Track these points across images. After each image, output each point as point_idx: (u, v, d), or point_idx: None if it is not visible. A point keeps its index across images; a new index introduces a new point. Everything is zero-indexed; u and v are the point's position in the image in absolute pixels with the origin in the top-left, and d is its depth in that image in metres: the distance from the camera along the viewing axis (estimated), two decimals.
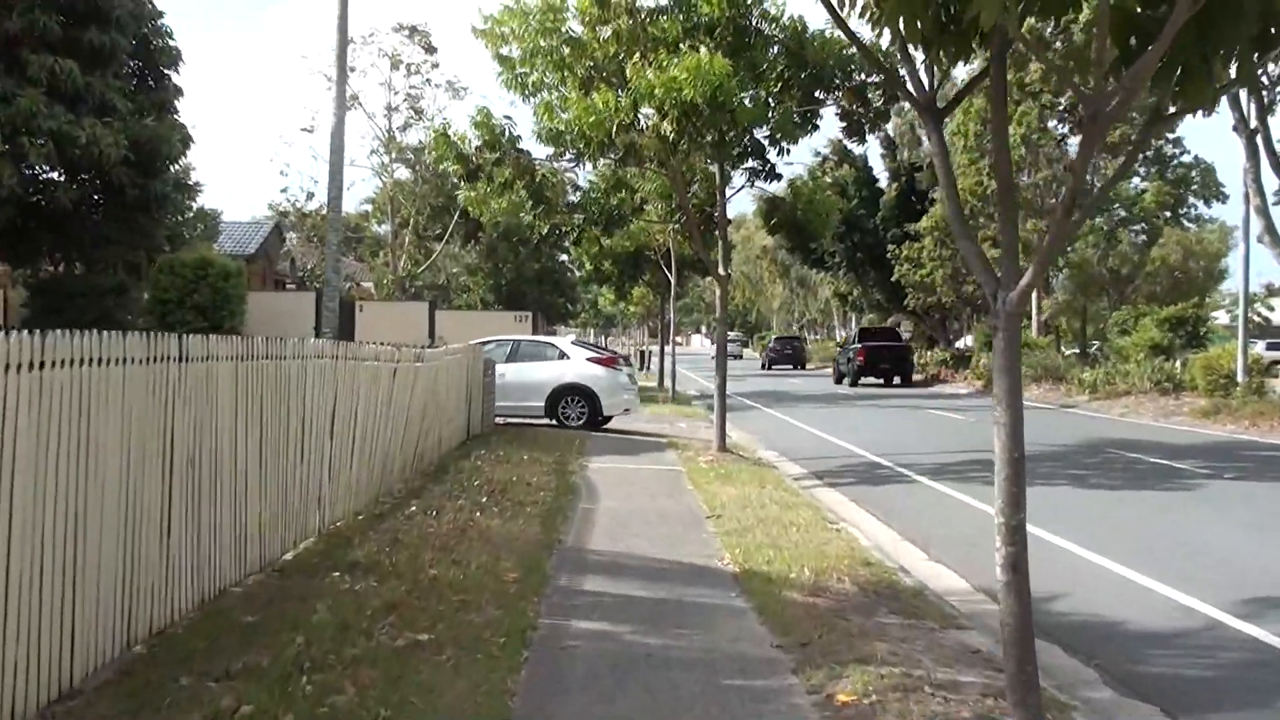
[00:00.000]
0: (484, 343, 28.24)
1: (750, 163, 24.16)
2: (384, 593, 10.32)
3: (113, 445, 7.81)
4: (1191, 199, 59.84)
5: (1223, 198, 59.88)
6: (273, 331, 32.63)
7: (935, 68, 7.64)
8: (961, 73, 24.08)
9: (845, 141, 72.79)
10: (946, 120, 8.05)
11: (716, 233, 26.16)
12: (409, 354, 17.01)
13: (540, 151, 23.64)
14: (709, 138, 21.90)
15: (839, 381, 64.97)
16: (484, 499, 16.43)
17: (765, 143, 23.68)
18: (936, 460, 25.13)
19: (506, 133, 23.58)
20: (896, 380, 62.68)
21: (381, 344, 18.62)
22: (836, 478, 22.62)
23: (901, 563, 13.83)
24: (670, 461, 23.62)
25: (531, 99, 22.90)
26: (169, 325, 27.84)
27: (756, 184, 24.95)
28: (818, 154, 69.35)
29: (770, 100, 22.82)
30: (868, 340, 64.70)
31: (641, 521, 15.69)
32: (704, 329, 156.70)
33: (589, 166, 24.93)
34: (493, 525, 14.37)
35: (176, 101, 30.89)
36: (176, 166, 31.12)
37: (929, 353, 74.12)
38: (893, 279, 68.48)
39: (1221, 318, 60.74)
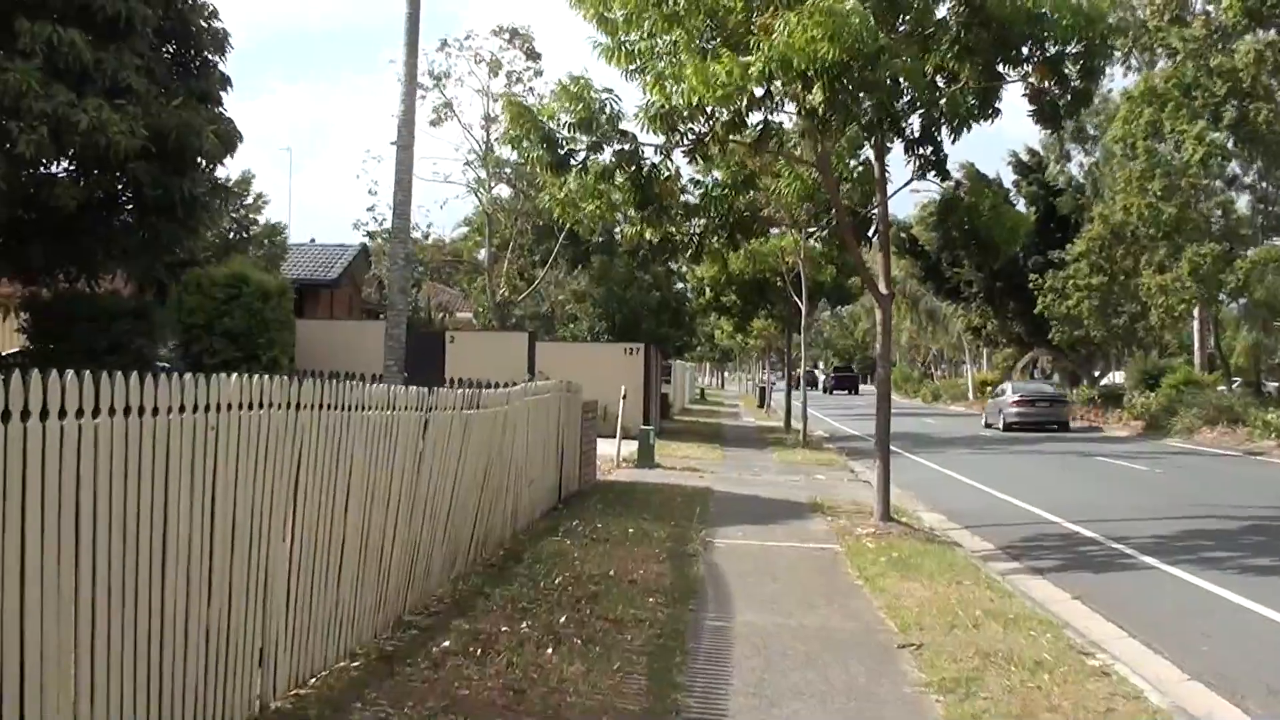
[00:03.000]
0: None
1: (922, 150, 18.65)
2: None
3: None
4: None
5: None
6: (334, 368, 27.96)
7: None
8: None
9: (976, 165, 67.93)
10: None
11: (874, 241, 20.73)
12: (450, 397, 11.52)
13: (649, 142, 18.42)
14: (866, 107, 16.54)
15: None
16: (563, 615, 11.02)
17: (935, 127, 18.24)
18: (1148, 529, 19.84)
19: (607, 108, 18.15)
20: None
21: (467, 382, 13.58)
22: (1037, 558, 17.32)
23: None
24: (821, 535, 18.26)
25: (638, 75, 17.61)
26: (195, 356, 22.89)
27: (928, 177, 19.39)
28: (942, 187, 63.87)
29: (940, 74, 17.53)
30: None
31: (802, 657, 10.23)
32: (821, 365, 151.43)
33: (713, 158, 19.75)
34: (569, 676, 8.99)
35: (222, 93, 25.85)
36: (222, 166, 26.05)
37: (1073, 390, 68.47)
38: (1035, 311, 62.55)
39: None
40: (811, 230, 24.30)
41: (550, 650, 9.64)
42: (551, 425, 18.50)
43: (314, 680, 8.44)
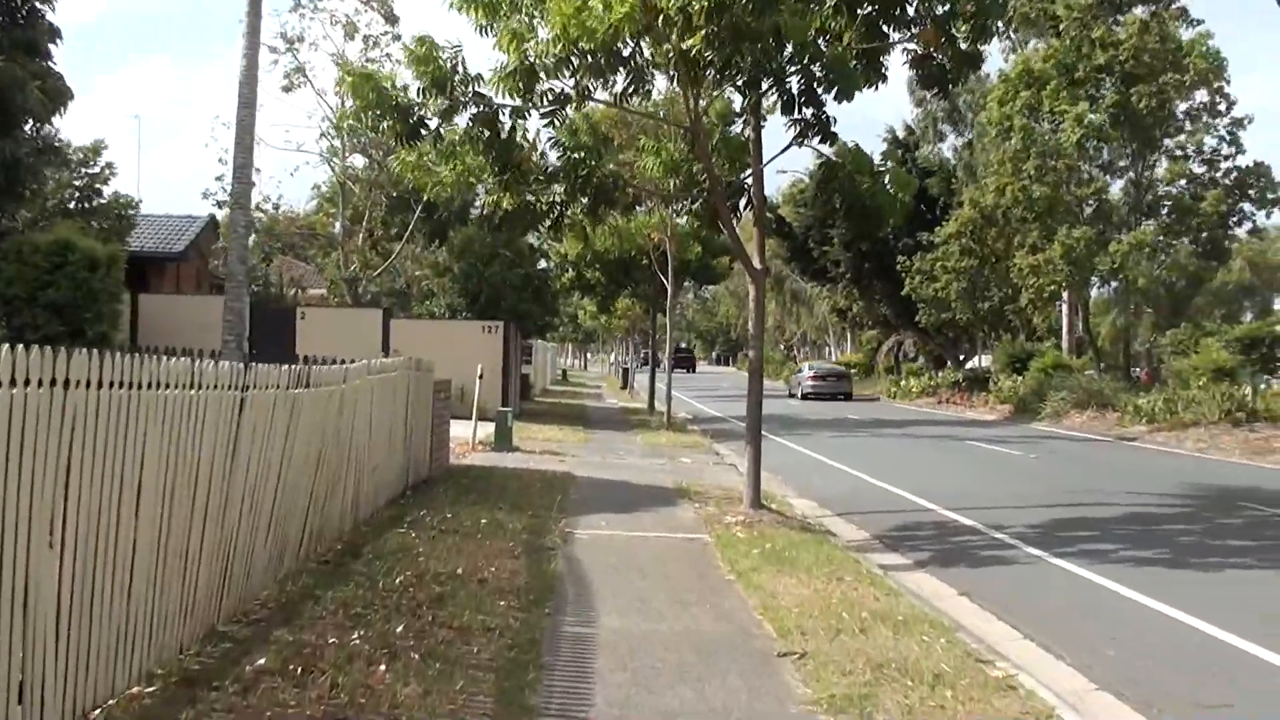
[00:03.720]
0: None
1: (803, 112, 17.53)
2: None
3: None
4: (1248, 206, 52.74)
5: (1275, 202, 52.29)
6: (179, 344, 26.23)
7: None
8: None
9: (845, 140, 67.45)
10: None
11: (746, 213, 19.55)
12: (274, 374, 10.06)
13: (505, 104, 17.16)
14: (746, 61, 15.47)
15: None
16: (402, 623, 9.66)
17: (819, 88, 17.12)
18: (1028, 517, 19.12)
19: (460, 69, 16.80)
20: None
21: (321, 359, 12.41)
22: (917, 549, 16.48)
23: None
24: (689, 524, 17.08)
25: (497, 27, 16.25)
26: (16, 330, 21.15)
27: (809, 143, 18.24)
28: (819, 155, 62.96)
29: (823, 36, 16.52)
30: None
31: (674, 671, 9.00)
32: (684, 345, 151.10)
33: (578, 130, 18.52)
34: (403, 699, 7.68)
35: (51, 45, 24.09)
36: (50, 125, 24.23)
37: (939, 374, 68.30)
38: (902, 293, 62.05)
39: None
40: (681, 203, 22.94)
41: (383, 667, 8.30)
42: (399, 406, 17.10)
43: (97, 713, 7.03)
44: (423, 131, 17.21)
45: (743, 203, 19.52)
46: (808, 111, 17.57)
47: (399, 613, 10.01)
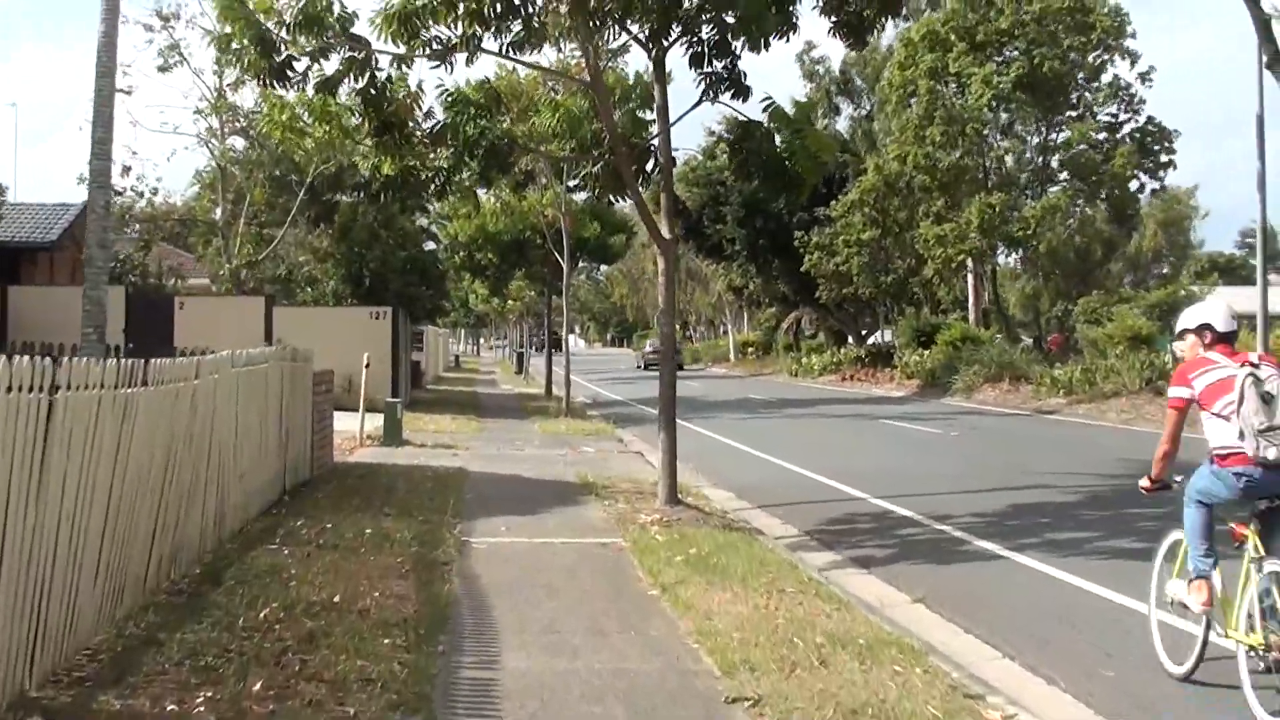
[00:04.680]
0: None
1: (714, 66, 15.98)
2: None
3: None
4: (1143, 175, 51.78)
5: (1171, 164, 51.44)
6: (51, 338, 24.26)
7: None
8: None
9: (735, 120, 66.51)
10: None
11: (653, 177, 17.89)
12: (97, 370, 8.08)
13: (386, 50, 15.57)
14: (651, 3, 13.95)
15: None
16: (262, 675, 7.74)
17: (731, 34, 15.64)
18: (968, 505, 17.69)
19: (335, 7, 14.94)
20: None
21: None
22: (856, 546, 14.92)
23: None
24: (600, 525, 15.34)
25: None
26: None
27: (721, 98, 16.57)
28: (711, 132, 61.63)
29: None
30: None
31: None
32: (578, 330, 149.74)
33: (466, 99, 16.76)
34: None
35: None
36: None
37: (841, 350, 67.27)
38: (801, 269, 60.73)
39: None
40: (579, 170, 21.21)
41: None
42: (271, 401, 15.19)
43: None
44: (289, 74, 15.39)
45: (649, 165, 17.80)
46: (719, 64, 16.05)
47: (259, 661, 8.09)
